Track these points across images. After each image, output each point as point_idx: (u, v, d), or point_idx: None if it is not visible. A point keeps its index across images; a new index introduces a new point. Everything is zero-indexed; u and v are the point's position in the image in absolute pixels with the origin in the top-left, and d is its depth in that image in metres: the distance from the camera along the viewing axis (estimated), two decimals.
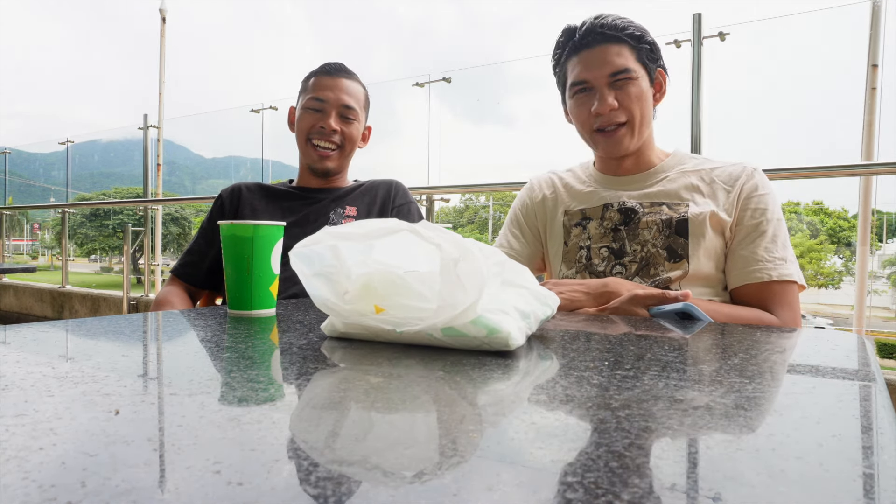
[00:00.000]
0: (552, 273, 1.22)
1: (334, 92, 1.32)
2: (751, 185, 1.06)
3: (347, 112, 1.33)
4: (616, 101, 1.06)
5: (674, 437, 0.33)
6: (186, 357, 0.55)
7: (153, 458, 0.28)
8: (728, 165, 1.10)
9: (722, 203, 1.06)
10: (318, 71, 1.37)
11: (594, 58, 1.06)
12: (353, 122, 1.35)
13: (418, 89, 5.29)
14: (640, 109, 1.07)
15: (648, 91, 1.08)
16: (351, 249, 0.60)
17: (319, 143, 1.33)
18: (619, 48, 1.06)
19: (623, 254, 1.09)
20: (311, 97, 1.33)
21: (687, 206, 1.06)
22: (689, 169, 1.11)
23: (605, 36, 1.06)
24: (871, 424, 0.36)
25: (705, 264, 1.04)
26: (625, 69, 1.05)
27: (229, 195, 1.39)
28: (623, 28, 1.06)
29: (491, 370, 0.49)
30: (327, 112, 1.32)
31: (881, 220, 16.28)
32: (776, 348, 0.62)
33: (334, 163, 1.36)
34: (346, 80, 1.35)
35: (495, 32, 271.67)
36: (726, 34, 3.20)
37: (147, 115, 5.63)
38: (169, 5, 9.78)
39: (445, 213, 26.15)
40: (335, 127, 1.32)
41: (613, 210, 1.11)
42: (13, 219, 20.05)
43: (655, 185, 1.11)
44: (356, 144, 1.39)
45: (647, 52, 1.07)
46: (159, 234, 5.73)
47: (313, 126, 1.33)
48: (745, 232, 1.04)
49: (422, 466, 0.28)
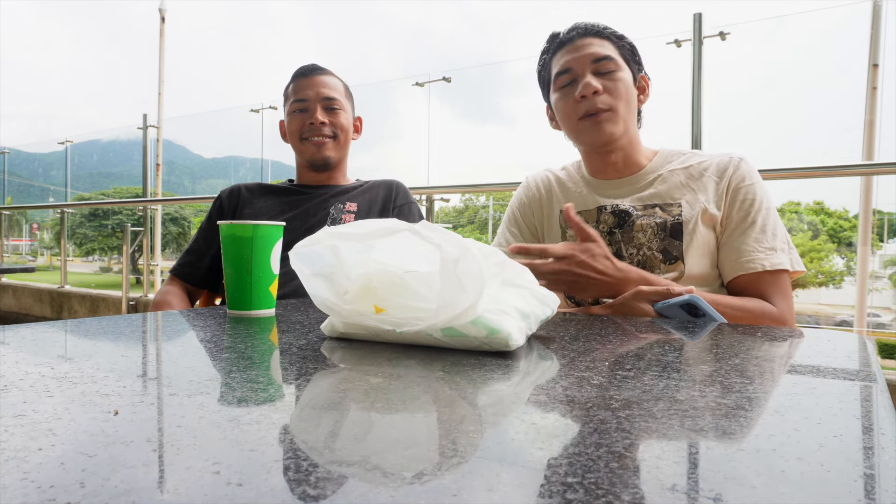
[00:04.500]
0: None
1: (313, 88, 1.36)
2: (738, 175, 1.06)
3: (331, 103, 1.37)
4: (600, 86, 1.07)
5: (674, 438, 0.33)
6: (186, 357, 0.55)
7: (152, 459, 0.28)
8: (715, 157, 1.10)
9: (712, 196, 1.06)
10: (293, 76, 1.41)
11: (577, 47, 1.09)
12: (340, 112, 1.38)
13: (418, 89, 5.29)
14: (625, 99, 1.08)
15: (632, 87, 1.09)
16: (351, 249, 0.60)
17: (313, 137, 1.36)
18: (602, 41, 1.09)
19: (619, 257, 1.09)
20: (293, 101, 1.38)
21: (680, 207, 1.06)
22: (678, 166, 1.11)
23: (587, 31, 1.09)
24: (872, 425, 0.36)
25: (700, 263, 1.05)
26: (607, 56, 1.07)
27: (228, 196, 1.39)
28: (604, 28, 1.10)
29: (491, 370, 0.48)
30: (312, 109, 1.36)
31: (882, 220, 16.28)
32: (776, 348, 0.61)
33: (332, 151, 1.38)
34: (322, 76, 1.38)
35: (495, 32, 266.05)
36: (727, 34, 3.20)
37: (146, 115, 5.63)
38: (168, 5, 9.78)
39: (445, 213, 26.14)
40: (323, 119, 1.35)
41: (607, 213, 1.12)
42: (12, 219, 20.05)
43: (647, 187, 1.10)
44: (349, 134, 1.41)
45: (628, 52, 1.10)
46: (158, 234, 5.72)
47: (303, 125, 1.36)
48: (734, 224, 1.05)
49: (422, 467, 0.27)
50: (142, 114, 5.64)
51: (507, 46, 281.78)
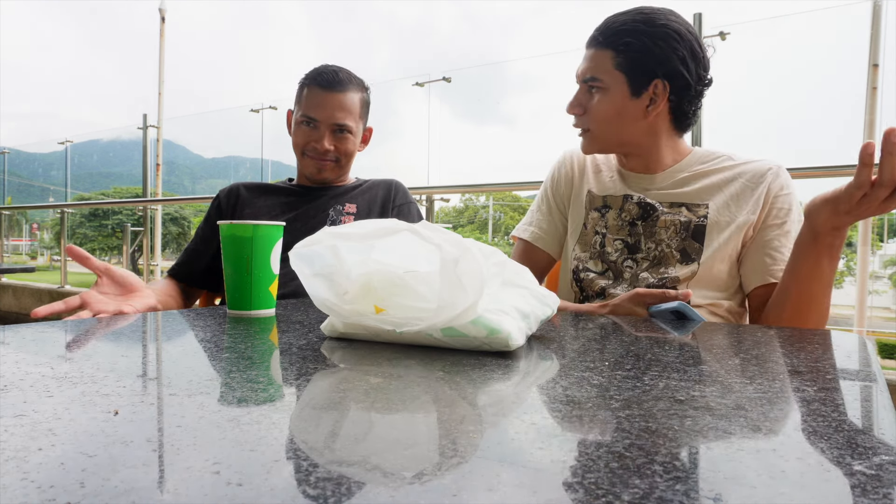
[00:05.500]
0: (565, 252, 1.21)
1: (326, 110, 1.30)
2: (777, 184, 1.06)
3: (341, 128, 1.31)
4: (582, 107, 1.08)
5: (674, 438, 0.33)
6: (186, 357, 0.55)
7: (152, 459, 0.28)
8: (751, 162, 1.09)
9: (745, 202, 1.05)
10: (312, 80, 1.33)
11: (584, 57, 1.09)
12: (348, 137, 1.33)
13: (418, 89, 5.29)
14: (606, 118, 1.06)
15: (626, 101, 1.05)
16: (351, 249, 0.60)
17: (315, 157, 1.34)
18: (599, 54, 1.05)
19: (637, 249, 1.09)
20: (303, 113, 1.32)
21: (707, 209, 1.05)
22: (711, 168, 1.09)
23: (594, 40, 1.07)
24: (872, 425, 0.36)
25: (716, 267, 1.04)
26: (591, 77, 1.06)
27: (227, 195, 1.39)
28: (617, 32, 1.03)
29: (491, 370, 0.48)
30: (320, 131, 1.31)
31: (882, 219, 16.27)
32: (777, 348, 0.61)
33: (331, 174, 1.36)
34: (340, 93, 1.30)
35: (495, 32, 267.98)
36: (727, 34, 3.20)
37: (146, 115, 5.63)
38: (168, 5, 9.77)
39: (445, 213, 26.12)
40: (328, 147, 1.31)
41: (633, 203, 1.11)
42: (12, 219, 20.06)
43: (676, 185, 1.10)
44: (352, 156, 1.38)
45: (632, 61, 1.02)
46: (158, 233, 5.73)
47: (307, 143, 1.33)
48: (769, 231, 1.04)
49: (422, 467, 0.27)
50: (142, 114, 5.65)
51: (507, 46, 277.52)
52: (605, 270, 1.12)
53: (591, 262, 1.14)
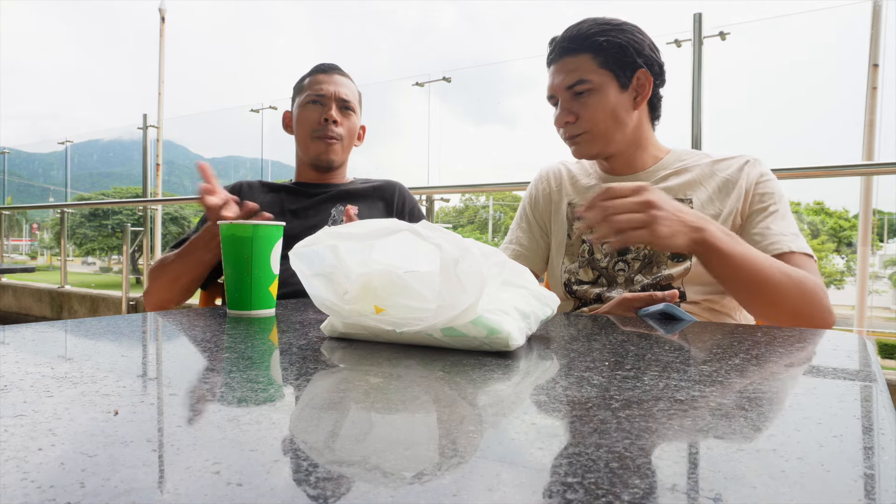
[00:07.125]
0: (553, 268, 1.21)
1: (332, 86, 1.35)
2: (756, 172, 1.06)
3: (346, 104, 1.36)
4: (573, 114, 1.08)
5: (674, 438, 0.33)
6: (186, 357, 0.55)
7: (152, 459, 0.28)
8: (729, 157, 1.10)
9: (728, 194, 1.05)
10: (313, 70, 1.39)
11: (556, 72, 1.10)
12: (352, 115, 1.38)
13: (418, 89, 5.29)
14: (602, 117, 1.07)
15: (617, 96, 1.07)
16: (351, 249, 0.60)
17: (324, 135, 1.35)
18: (578, 59, 1.07)
19: (626, 251, 1.09)
20: (309, 93, 1.36)
21: (691, 204, 1.06)
22: (690, 165, 1.11)
23: (565, 49, 1.08)
24: (872, 425, 0.36)
25: None
26: (578, 81, 1.06)
27: (230, 191, 1.39)
28: (587, 36, 1.06)
29: (491, 370, 0.48)
30: (328, 105, 1.35)
31: (882, 219, 16.26)
32: (777, 348, 0.61)
33: (337, 154, 1.38)
34: (341, 76, 1.38)
35: (495, 32, 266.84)
36: (727, 34, 3.20)
37: (146, 115, 5.63)
38: (168, 5, 9.77)
39: (445, 213, 26.13)
40: (336, 118, 1.34)
41: None
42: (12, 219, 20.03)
43: (657, 182, 1.10)
44: (353, 139, 1.41)
45: (614, 57, 1.06)
46: (158, 233, 5.72)
47: (317, 119, 1.35)
48: (754, 215, 1.04)
49: (422, 467, 0.27)
50: (142, 114, 5.65)
51: (507, 46, 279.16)
52: (597, 278, 1.12)
53: (582, 272, 1.14)
